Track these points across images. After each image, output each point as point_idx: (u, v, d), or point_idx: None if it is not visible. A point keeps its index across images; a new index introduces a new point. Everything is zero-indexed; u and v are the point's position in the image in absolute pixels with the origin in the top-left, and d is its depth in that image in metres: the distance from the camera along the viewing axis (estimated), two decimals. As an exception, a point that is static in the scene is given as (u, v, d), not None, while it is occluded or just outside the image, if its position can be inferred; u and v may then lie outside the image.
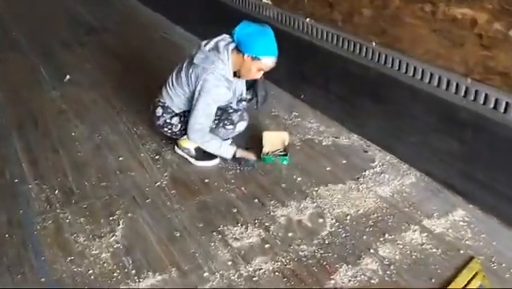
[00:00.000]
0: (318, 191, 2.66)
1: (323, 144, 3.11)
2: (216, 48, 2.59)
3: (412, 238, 2.32)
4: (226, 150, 2.77)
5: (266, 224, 2.43)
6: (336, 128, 3.28)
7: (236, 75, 2.68)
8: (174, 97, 2.78)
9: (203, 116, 2.64)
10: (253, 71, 2.59)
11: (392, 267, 2.16)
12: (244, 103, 2.94)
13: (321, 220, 2.45)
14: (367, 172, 2.80)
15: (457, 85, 2.41)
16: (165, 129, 2.88)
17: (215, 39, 2.64)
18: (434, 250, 2.25)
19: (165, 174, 2.84)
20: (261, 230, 2.38)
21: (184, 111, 2.79)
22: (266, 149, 2.94)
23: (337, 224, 2.41)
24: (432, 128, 2.62)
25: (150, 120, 3.28)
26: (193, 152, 2.90)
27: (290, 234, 2.36)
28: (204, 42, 2.65)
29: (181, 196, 2.65)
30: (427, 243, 2.28)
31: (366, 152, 3.00)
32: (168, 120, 2.84)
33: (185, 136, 2.80)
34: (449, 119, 2.51)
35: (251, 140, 3.02)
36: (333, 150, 3.04)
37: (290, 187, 2.70)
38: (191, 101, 2.67)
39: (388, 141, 2.95)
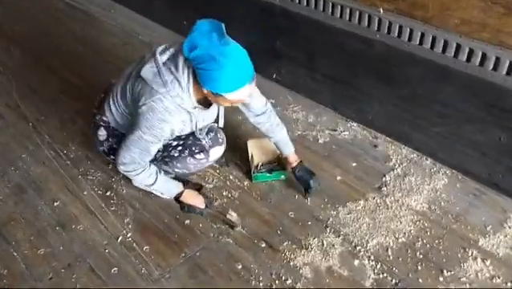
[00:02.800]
0: (337, 215, 2.05)
1: (320, 141, 2.46)
2: (174, 62, 1.69)
3: (476, 269, 1.81)
4: (169, 187, 1.96)
5: (288, 281, 1.79)
6: (329, 116, 2.62)
7: (204, 101, 1.82)
8: (119, 117, 1.95)
9: (137, 153, 1.80)
10: (222, 104, 1.78)
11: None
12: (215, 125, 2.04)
13: (357, 262, 1.85)
14: (387, 178, 2.22)
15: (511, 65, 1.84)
16: (112, 157, 2.05)
17: (175, 47, 1.73)
18: (509, 284, 1.76)
19: (127, 220, 2.06)
20: (285, 294, 1.75)
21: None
22: (255, 163, 2.24)
23: (379, 265, 1.83)
24: (468, 115, 2.06)
25: (85, 136, 2.45)
26: (158, 182, 2.11)
27: (325, 294, 1.75)
28: (159, 49, 1.73)
29: (159, 254, 1.92)
30: (496, 275, 1.79)
31: (376, 146, 2.41)
32: (115, 146, 2.00)
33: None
34: (493, 105, 1.96)
35: (229, 151, 2.26)
36: (335, 149, 2.41)
37: (301, 215, 2.06)
38: None
39: (401, 131, 2.37)
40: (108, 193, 2.18)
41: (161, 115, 1.70)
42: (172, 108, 1.71)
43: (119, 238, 1.97)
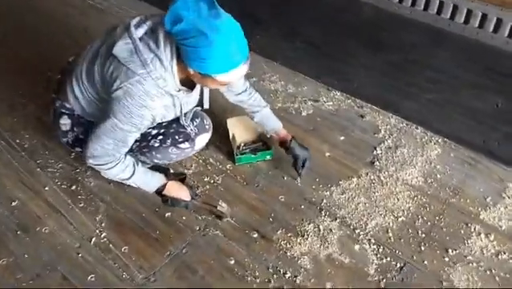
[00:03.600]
0: (331, 196, 1.90)
1: (303, 114, 2.28)
2: (153, 37, 1.43)
3: (481, 245, 1.73)
4: (149, 180, 1.71)
5: (287, 275, 1.65)
6: (309, 85, 2.44)
7: (187, 82, 1.57)
8: (85, 104, 1.67)
9: (111, 144, 1.55)
10: (210, 86, 1.56)
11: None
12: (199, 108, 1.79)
13: (357, 247, 1.73)
14: (378, 151, 2.09)
15: (514, 26, 1.71)
16: (78, 149, 1.80)
17: (153, 19, 1.46)
18: (515, 259, 1.70)
19: (99, 217, 1.83)
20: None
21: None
22: (237, 143, 2.04)
23: (382, 249, 1.72)
24: (463, 81, 1.95)
25: (40, 121, 2.17)
26: (131, 170, 1.87)
27: (328, 285, 1.62)
28: (134, 22, 1.45)
29: (140, 254, 1.71)
30: (502, 251, 1.72)
31: (362, 117, 2.26)
32: (81, 136, 1.74)
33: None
34: (491, 70, 1.85)
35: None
36: (320, 122, 2.24)
37: (292, 198, 1.90)
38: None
39: (389, 99, 2.23)
40: (74, 187, 1.93)
41: (141, 100, 1.45)
42: (154, 92, 1.46)
43: (93, 239, 1.75)
